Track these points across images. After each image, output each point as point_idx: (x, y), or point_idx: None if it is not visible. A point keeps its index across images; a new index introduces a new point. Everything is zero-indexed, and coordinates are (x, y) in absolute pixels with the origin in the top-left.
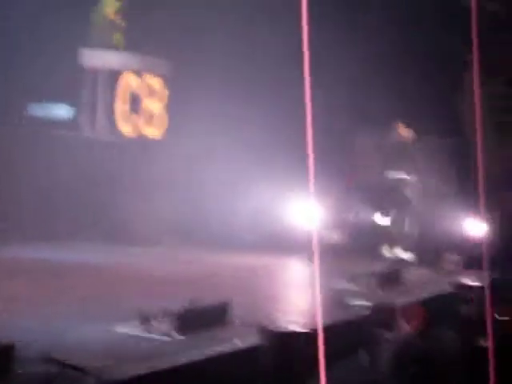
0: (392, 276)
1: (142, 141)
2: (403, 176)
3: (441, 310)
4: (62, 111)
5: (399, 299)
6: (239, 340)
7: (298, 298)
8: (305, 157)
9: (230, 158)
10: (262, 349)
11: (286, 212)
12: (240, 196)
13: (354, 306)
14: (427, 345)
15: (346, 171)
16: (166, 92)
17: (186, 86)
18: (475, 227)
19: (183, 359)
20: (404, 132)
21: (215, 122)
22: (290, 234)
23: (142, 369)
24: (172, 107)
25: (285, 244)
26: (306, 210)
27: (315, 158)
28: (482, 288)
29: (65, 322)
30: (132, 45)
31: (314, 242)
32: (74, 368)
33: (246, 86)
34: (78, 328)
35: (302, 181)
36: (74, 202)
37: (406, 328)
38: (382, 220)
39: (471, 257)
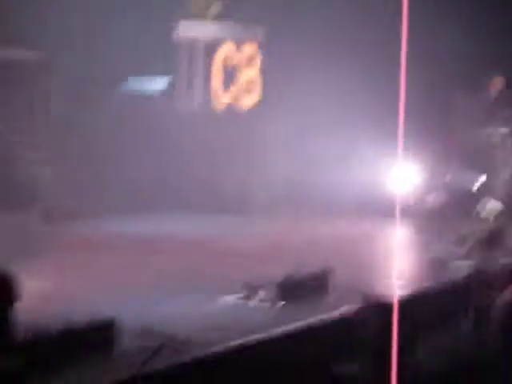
0: (497, 236)
1: (239, 110)
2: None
3: None
4: (158, 84)
5: (505, 259)
6: (342, 307)
7: (400, 263)
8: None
9: (326, 126)
10: (362, 315)
11: (385, 177)
12: (340, 165)
13: (459, 267)
14: None
15: (445, 131)
16: (260, 58)
17: (279, 52)
18: None
19: (286, 328)
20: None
21: (311, 88)
22: (391, 198)
23: (245, 340)
24: (266, 74)
25: (385, 209)
26: (403, 173)
27: (413, 120)
28: None
29: (165, 294)
30: (228, 13)
31: (412, 205)
32: (176, 342)
33: (339, 49)
34: (180, 300)
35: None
36: (175, 176)
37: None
38: (483, 180)
39: None
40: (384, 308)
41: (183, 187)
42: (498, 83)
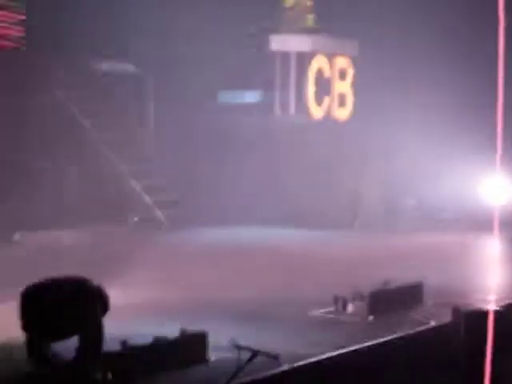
0: None
1: (334, 121)
2: None
3: None
4: (251, 96)
5: None
6: (432, 320)
7: (490, 276)
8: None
9: (421, 139)
10: (456, 328)
11: (479, 189)
12: (433, 177)
13: None
14: None
15: None
16: (352, 71)
17: (369, 66)
18: None
19: (374, 341)
20: None
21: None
22: (485, 210)
23: (330, 353)
24: (358, 87)
25: (479, 221)
26: (499, 186)
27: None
28: None
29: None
30: (321, 26)
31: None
32: (265, 354)
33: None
34: (274, 312)
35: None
36: (266, 186)
37: None
38: None
39: None
40: (477, 321)
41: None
42: None
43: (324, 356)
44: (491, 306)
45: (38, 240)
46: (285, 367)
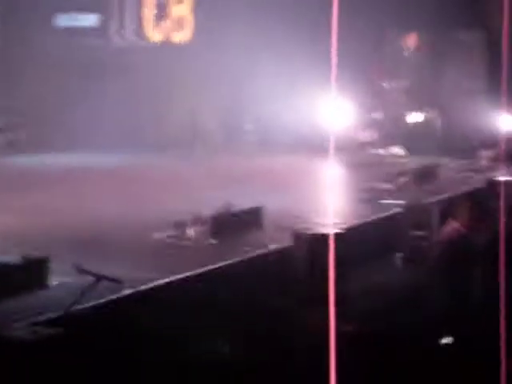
0: (427, 173)
1: (170, 45)
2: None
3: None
4: (88, 21)
5: (432, 196)
6: (272, 244)
7: (332, 200)
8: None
9: (258, 63)
10: (295, 251)
11: (317, 114)
12: (273, 100)
13: (389, 204)
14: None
15: (374, 73)
16: None
17: None
18: (505, 123)
19: (216, 265)
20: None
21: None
22: (322, 135)
23: (174, 278)
24: (198, 9)
25: (316, 145)
26: (335, 110)
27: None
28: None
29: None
30: None
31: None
32: (108, 279)
33: None
34: (116, 234)
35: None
36: (100, 111)
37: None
38: (414, 118)
39: (506, 152)
40: (314, 244)
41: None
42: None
43: (165, 280)
44: (330, 230)
45: None
46: (127, 291)
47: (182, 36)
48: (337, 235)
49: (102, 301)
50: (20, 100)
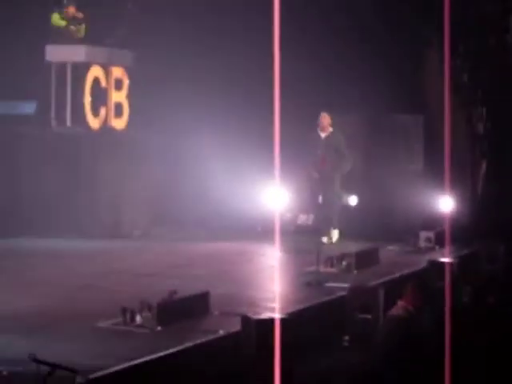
0: (368, 256)
1: (112, 131)
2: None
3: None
4: (25, 108)
5: (376, 279)
6: (220, 329)
7: (274, 284)
8: (272, 147)
9: (196, 148)
10: (243, 337)
11: (254, 198)
12: (209, 184)
13: (331, 288)
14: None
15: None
16: (128, 81)
17: (146, 75)
18: (445, 203)
19: (163, 352)
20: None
21: (179, 112)
22: (260, 218)
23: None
24: (135, 97)
25: (255, 230)
26: (274, 196)
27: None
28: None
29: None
30: (95, 37)
31: (280, 225)
32: (63, 368)
33: (210, 76)
34: (62, 325)
35: (271, 169)
36: (40, 197)
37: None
38: (349, 201)
39: (442, 233)
40: (263, 329)
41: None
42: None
43: (115, 368)
44: (277, 315)
45: None
46: (79, 380)
47: (120, 122)
48: (284, 320)
49: None
50: None
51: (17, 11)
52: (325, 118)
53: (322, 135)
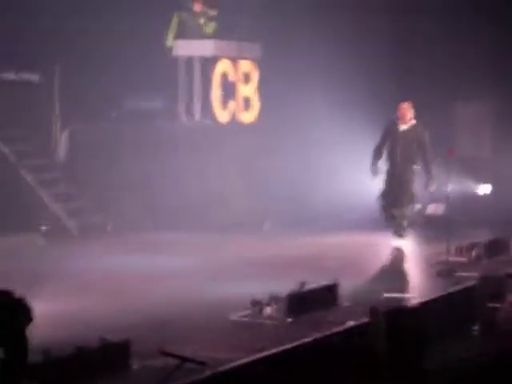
0: (499, 245)
1: (240, 125)
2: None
3: None
4: (156, 102)
5: (507, 268)
6: (349, 321)
7: (405, 274)
8: None
9: (325, 141)
10: (373, 328)
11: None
12: (338, 177)
13: (462, 277)
14: None
15: (446, 144)
16: (257, 74)
17: (274, 68)
18: None
19: (292, 344)
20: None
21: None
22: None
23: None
24: (263, 89)
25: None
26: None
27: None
28: None
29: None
30: (223, 31)
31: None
32: (192, 361)
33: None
34: (192, 317)
35: None
36: (173, 192)
37: None
38: (483, 190)
39: None
40: (392, 320)
41: (189, 204)
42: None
43: (246, 360)
44: (408, 304)
45: None
46: (208, 373)
47: (248, 116)
48: (414, 309)
49: (186, 382)
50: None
51: (146, 7)
52: (406, 109)
53: (402, 128)
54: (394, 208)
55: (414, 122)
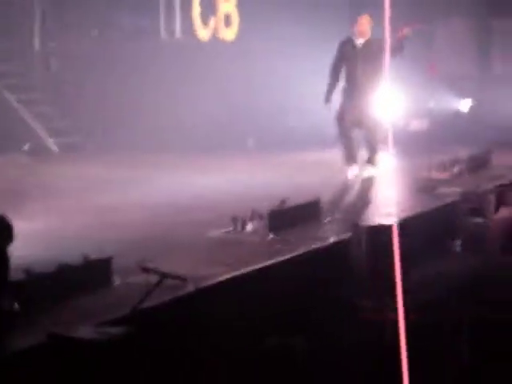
0: (481, 160)
1: (222, 42)
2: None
3: None
4: (141, 19)
5: (488, 182)
6: (332, 236)
7: (386, 190)
8: None
9: (307, 56)
10: (354, 244)
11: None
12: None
13: (444, 193)
14: None
15: (428, 61)
16: None
17: None
18: None
19: (276, 259)
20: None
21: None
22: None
23: (235, 273)
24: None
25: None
26: (388, 100)
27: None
28: None
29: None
30: None
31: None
32: (173, 277)
33: None
34: (172, 234)
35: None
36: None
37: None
38: (465, 106)
39: None
40: (378, 235)
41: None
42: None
43: (229, 275)
44: (391, 220)
45: None
46: (191, 288)
47: (229, 33)
48: (397, 225)
49: (169, 298)
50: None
51: None
52: (365, 23)
53: (359, 42)
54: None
55: (369, 36)
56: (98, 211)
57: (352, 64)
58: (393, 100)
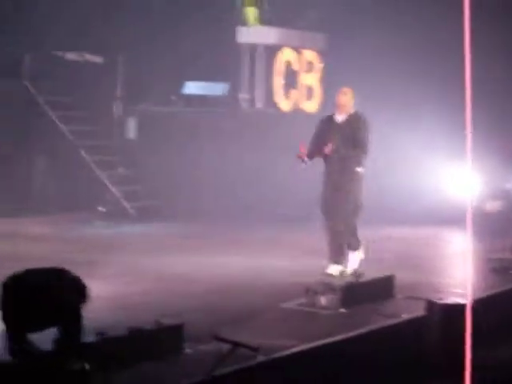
0: None
1: (302, 114)
2: None
3: None
4: (216, 89)
5: None
6: (404, 313)
7: (460, 270)
8: (464, 128)
9: (392, 133)
10: (428, 322)
11: (445, 182)
12: (399, 170)
13: None
14: None
15: (506, 139)
16: (321, 65)
17: (339, 59)
18: None
19: (348, 335)
20: None
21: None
22: (450, 204)
23: (308, 345)
24: (326, 80)
25: (445, 215)
26: (465, 180)
27: (475, 129)
28: None
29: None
30: (287, 20)
31: (471, 211)
32: (245, 346)
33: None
34: (246, 304)
35: (462, 151)
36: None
37: None
38: None
39: None
40: (452, 315)
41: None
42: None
43: (300, 348)
44: (465, 300)
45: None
46: (261, 358)
47: (311, 105)
48: (471, 305)
49: (239, 367)
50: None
51: None
52: (344, 95)
53: (339, 118)
54: (331, 221)
55: (352, 112)
56: (173, 279)
57: (327, 142)
58: (470, 180)
